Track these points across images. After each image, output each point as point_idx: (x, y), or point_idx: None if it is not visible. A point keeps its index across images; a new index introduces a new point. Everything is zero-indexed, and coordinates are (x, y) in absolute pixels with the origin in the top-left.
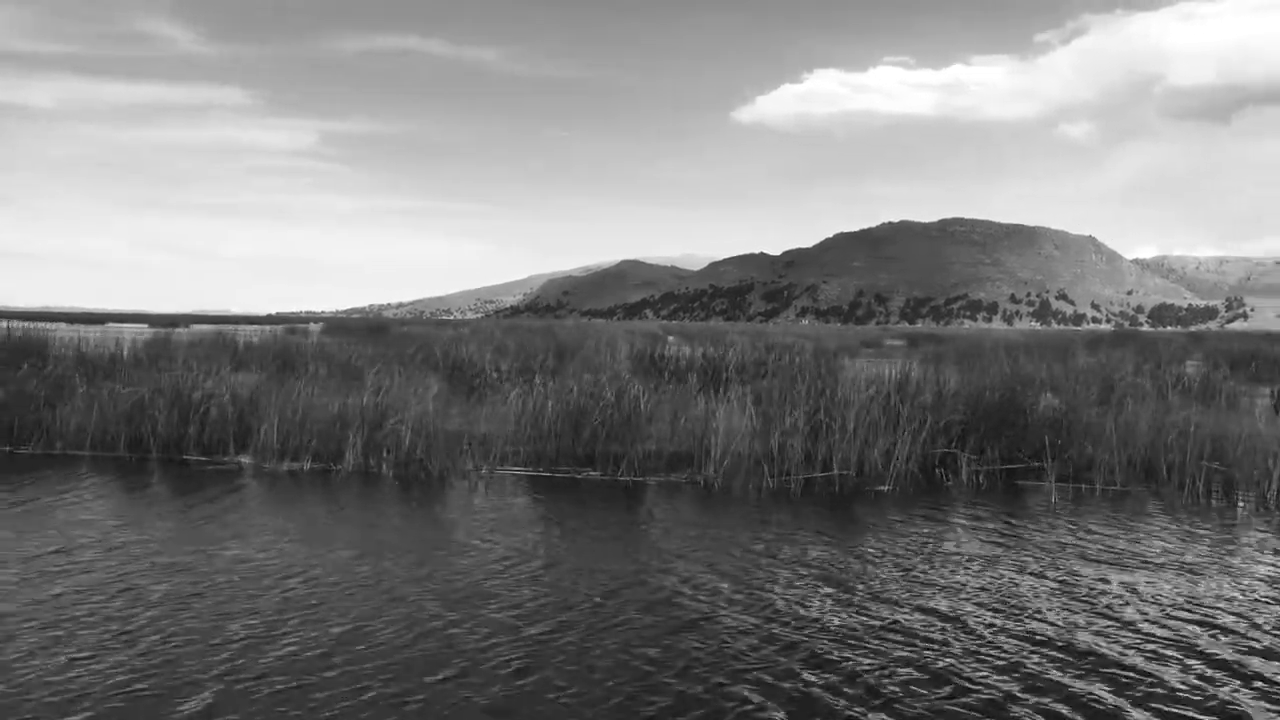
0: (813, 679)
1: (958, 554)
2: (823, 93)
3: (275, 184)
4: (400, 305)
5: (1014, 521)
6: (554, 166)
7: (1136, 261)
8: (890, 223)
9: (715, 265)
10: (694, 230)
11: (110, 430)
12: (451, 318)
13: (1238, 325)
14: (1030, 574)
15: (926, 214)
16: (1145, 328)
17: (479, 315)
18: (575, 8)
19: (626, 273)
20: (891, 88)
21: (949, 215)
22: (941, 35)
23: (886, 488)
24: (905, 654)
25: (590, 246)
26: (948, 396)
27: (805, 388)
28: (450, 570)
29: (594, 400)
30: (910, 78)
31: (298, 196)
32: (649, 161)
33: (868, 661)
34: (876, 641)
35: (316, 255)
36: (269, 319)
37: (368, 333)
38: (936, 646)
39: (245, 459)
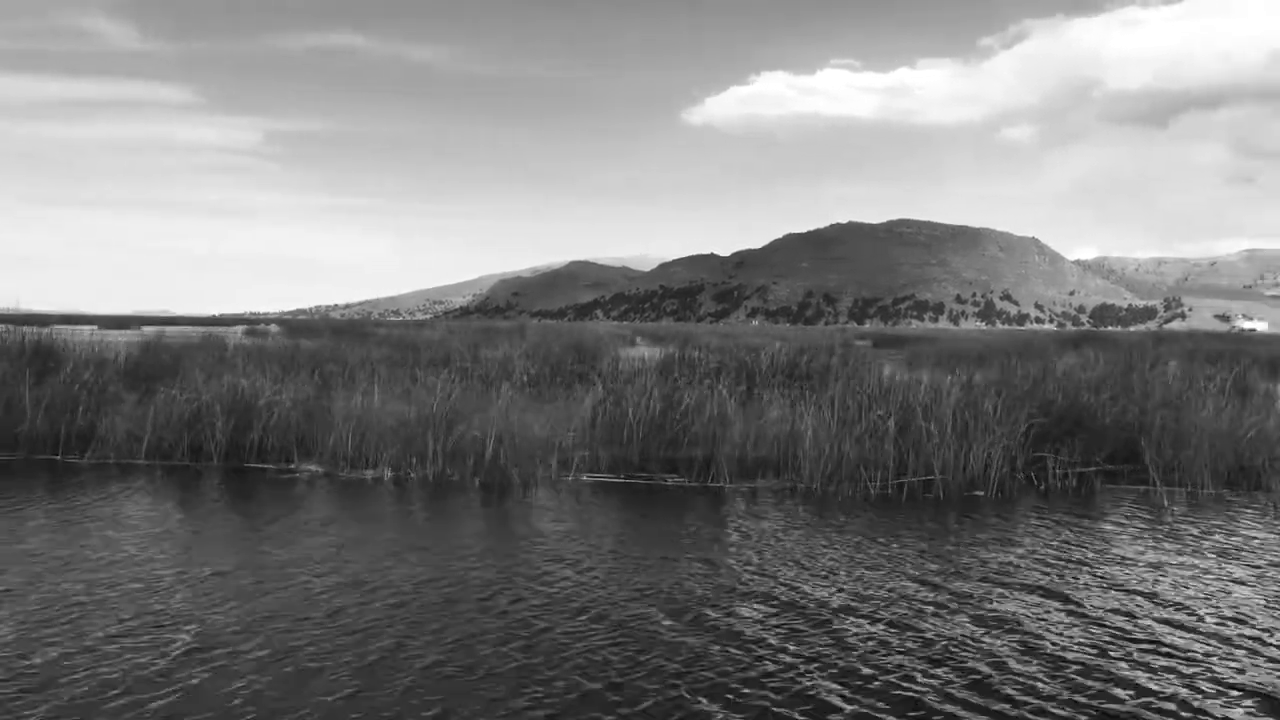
0: (993, 689)
1: (1102, 557)
2: (770, 95)
3: (219, 181)
4: (348, 306)
5: (1135, 524)
6: (503, 166)
7: (1078, 263)
8: (839, 224)
9: (666, 266)
10: (644, 231)
11: (167, 438)
12: (401, 318)
13: (1176, 325)
14: (1182, 577)
15: (874, 215)
16: (1088, 327)
17: (429, 316)
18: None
19: (577, 273)
20: (838, 90)
21: (896, 216)
22: (887, 39)
23: (983, 492)
24: (1092, 660)
25: (540, 247)
26: (1021, 400)
27: (880, 391)
28: (592, 585)
29: (672, 404)
30: (856, 80)
31: (242, 194)
32: (599, 162)
33: (1055, 673)
34: (1059, 648)
35: (261, 254)
36: (213, 320)
37: (334, 334)
38: (1126, 652)
39: (313, 467)
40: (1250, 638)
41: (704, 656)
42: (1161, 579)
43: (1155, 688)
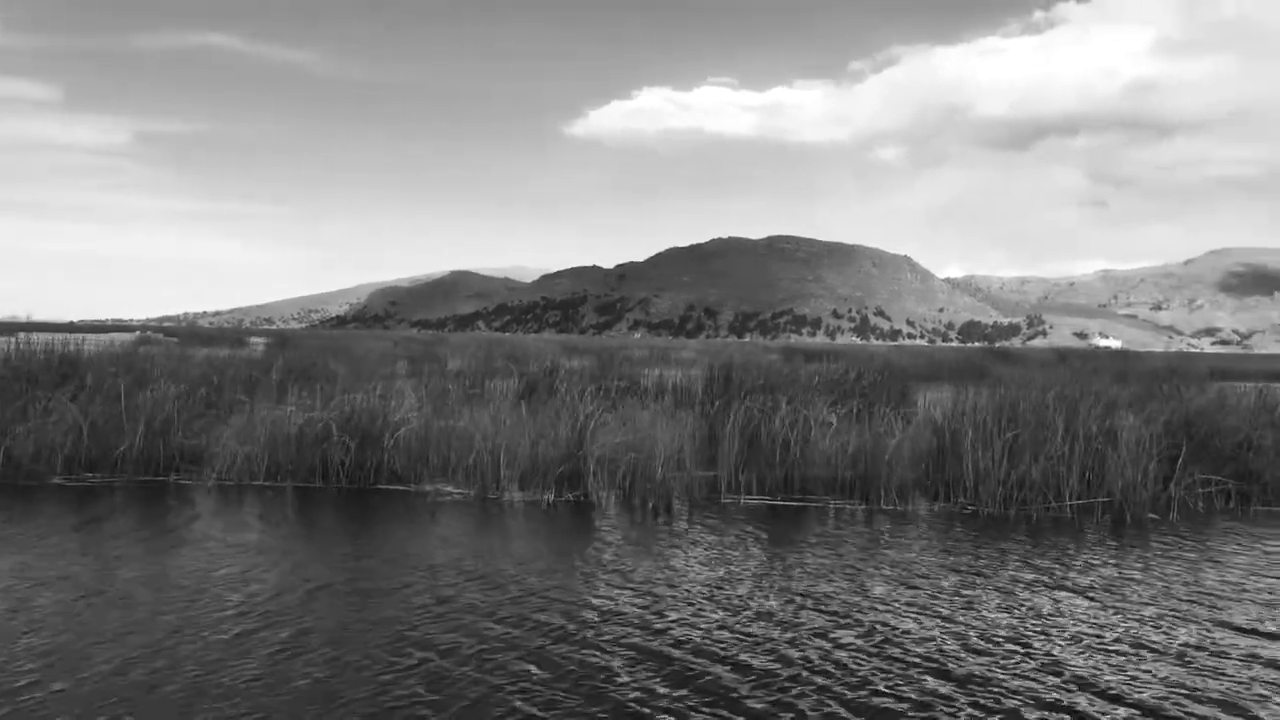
0: None
1: None
2: (650, 109)
3: (83, 183)
4: (218, 313)
5: None
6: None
7: (948, 280)
8: (720, 238)
9: (548, 277)
10: (525, 242)
11: (283, 458)
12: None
13: (1038, 342)
14: None
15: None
16: (956, 343)
17: (304, 325)
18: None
19: (457, 283)
20: (716, 107)
21: (775, 232)
22: (764, 59)
23: (1154, 515)
24: None
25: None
26: (1170, 422)
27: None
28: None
29: (798, 422)
30: (734, 98)
31: (107, 196)
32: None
33: None
34: None
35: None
36: (70, 327)
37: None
38: None
39: (450, 488)
40: None
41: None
42: None
43: None
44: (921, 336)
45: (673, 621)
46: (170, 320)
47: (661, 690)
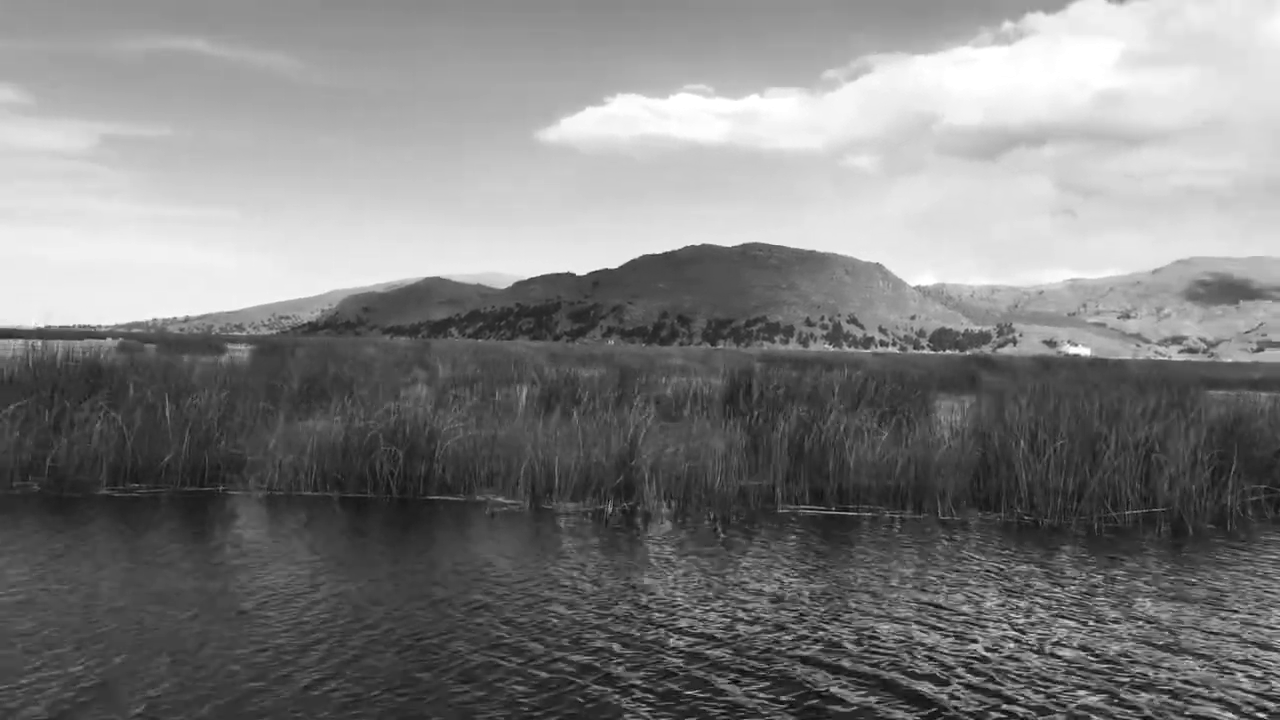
0: None
1: None
2: (625, 116)
3: (50, 187)
4: (187, 319)
5: None
6: (352, 179)
7: (919, 288)
8: (693, 246)
9: (522, 284)
10: (499, 249)
11: (331, 468)
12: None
13: (1008, 350)
14: None
15: (727, 238)
16: (927, 350)
17: (275, 331)
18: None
19: (431, 290)
20: (691, 114)
21: (748, 240)
22: (738, 67)
23: (1211, 524)
24: None
25: (392, 263)
26: (1214, 431)
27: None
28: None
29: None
30: (709, 106)
31: (75, 201)
32: (452, 178)
33: None
34: None
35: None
36: (39, 333)
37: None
38: None
39: (502, 499)
40: None
41: None
42: None
43: None
44: (893, 344)
45: (758, 633)
46: (139, 326)
47: (750, 703)
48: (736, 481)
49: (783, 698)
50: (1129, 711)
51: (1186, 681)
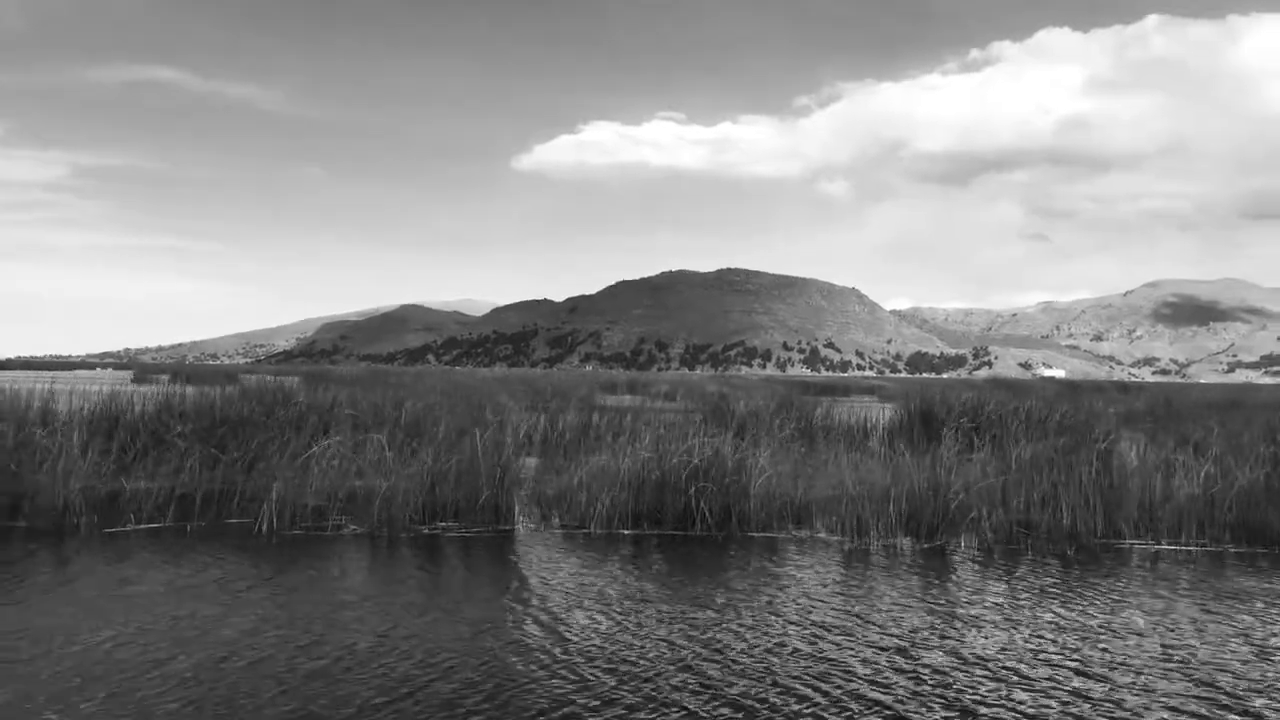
0: None
1: None
2: (599, 143)
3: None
4: (160, 349)
5: None
6: (327, 210)
7: (894, 312)
8: (670, 271)
9: (498, 311)
10: (475, 276)
11: (642, 504)
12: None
13: (984, 372)
14: None
15: (704, 264)
16: (904, 374)
17: (249, 360)
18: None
19: (407, 317)
20: (665, 141)
21: (725, 265)
22: (710, 94)
23: None
24: None
25: (367, 292)
26: None
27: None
28: None
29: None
30: (683, 133)
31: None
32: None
33: None
34: None
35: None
36: (8, 364)
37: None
38: None
39: (810, 532)
40: None
41: None
42: None
43: None
44: (870, 368)
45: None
46: (111, 356)
47: None
48: (1044, 514)
49: None
50: None
51: None
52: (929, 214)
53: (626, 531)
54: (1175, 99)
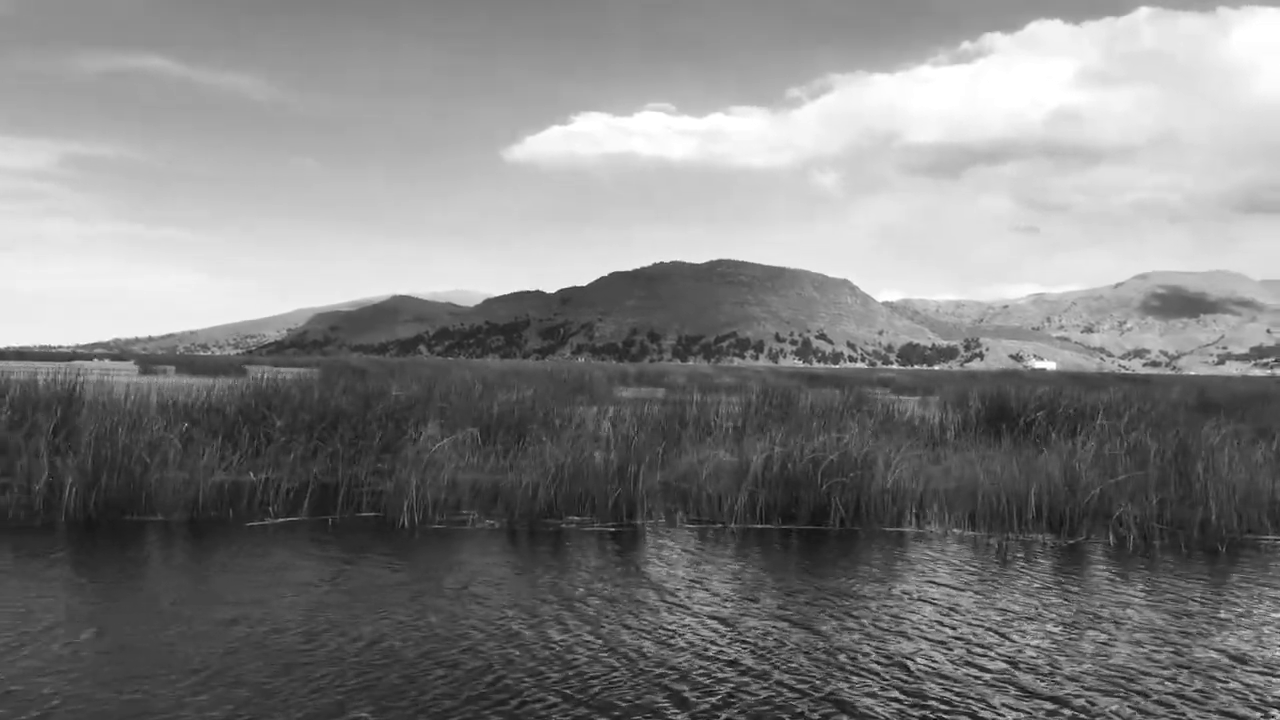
0: None
1: None
2: (590, 134)
3: (6, 208)
4: (150, 339)
5: None
6: (318, 200)
7: (886, 304)
8: (662, 263)
9: (490, 302)
10: (467, 267)
11: (771, 498)
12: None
13: (976, 364)
14: None
15: (696, 255)
16: (896, 365)
17: (240, 351)
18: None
19: (399, 308)
20: (656, 132)
21: (717, 256)
22: (701, 86)
23: None
24: None
25: (359, 282)
26: None
27: None
28: None
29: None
30: (674, 124)
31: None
32: (419, 198)
33: None
34: None
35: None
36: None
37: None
38: None
39: (956, 529)
40: None
41: None
42: None
43: None
44: (862, 359)
45: None
46: (101, 346)
47: None
48: (1203, 510)
49: None
50: None
51: None
52: (920, 206)
53: (759, 526)
54: (1166, 91)
